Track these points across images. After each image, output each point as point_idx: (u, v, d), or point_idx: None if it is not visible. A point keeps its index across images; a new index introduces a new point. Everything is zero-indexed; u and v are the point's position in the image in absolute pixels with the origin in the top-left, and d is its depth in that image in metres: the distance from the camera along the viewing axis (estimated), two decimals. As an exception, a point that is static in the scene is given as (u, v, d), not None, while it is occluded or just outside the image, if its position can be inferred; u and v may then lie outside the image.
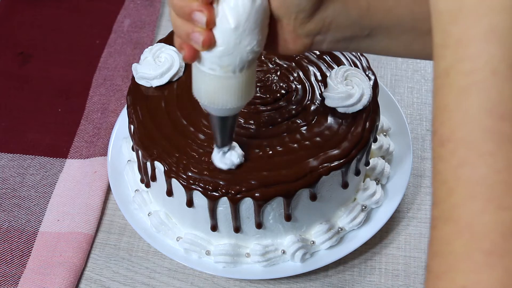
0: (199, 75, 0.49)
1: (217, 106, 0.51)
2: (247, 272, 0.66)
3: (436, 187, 0.34)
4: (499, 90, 0.31)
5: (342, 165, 0.61)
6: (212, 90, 0.49)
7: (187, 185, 0.60)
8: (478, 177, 0.32)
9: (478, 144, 0.32)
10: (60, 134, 0.81)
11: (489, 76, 0.32)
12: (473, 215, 0.32)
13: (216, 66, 0.47)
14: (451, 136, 0.33)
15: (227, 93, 0.49)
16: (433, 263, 0.34)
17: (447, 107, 0.33)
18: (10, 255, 0.70)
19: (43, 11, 0.96)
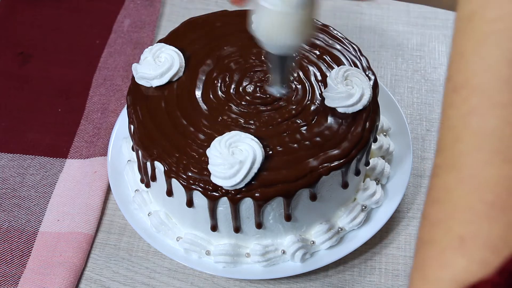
0: (260, 11, 0.49)
1: (277, 43, 0.51)
2: (247, 272, 0.66)
3: (442, 134, 0.33)
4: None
5: (342, 165, 0.61)
6: (271, 26, 0.49)
7: (187, 185, 0.60)
8: (487, 128, 0.31)
9: (493, 93, 0.31)
10: (60, 134, 0.81)
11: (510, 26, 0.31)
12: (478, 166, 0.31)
13: (278, 1, 0.47)
14: (466, 83, 0.32)
15: (287, 29, 0.49)
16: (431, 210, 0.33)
17: (465, 53, 0.33)
18: (10, 255, 0.70)
19: (43, 11, 0.96)
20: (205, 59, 0.70)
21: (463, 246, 0.30)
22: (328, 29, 0.73)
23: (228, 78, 0.68)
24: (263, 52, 0.70)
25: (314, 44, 0.71)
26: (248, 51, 0.70)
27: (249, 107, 0.65)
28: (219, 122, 0.64)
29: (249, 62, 0.69)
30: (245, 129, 0.63)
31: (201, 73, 0.68)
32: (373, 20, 0.94)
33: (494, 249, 0.29)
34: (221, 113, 0.64)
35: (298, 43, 0.52)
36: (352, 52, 0.70)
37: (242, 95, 0.66)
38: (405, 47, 0.91)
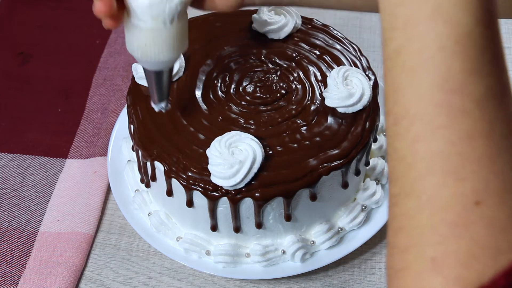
0: (131, 29, 0.50)
1: (151, 59, 0.52)
2: (247, 272, 0.66)
3: (393, 165, 0.35)
4: (448, 65, 0.32)
5: (342, 165, 0.61)
6: (144, 43, 0.51)
7: (187, 185, 0.60)
8: (434, 151, 0.32)
9: (432, 118, 0.32)
10: (60, 134, 0.81)
11: (437, 52, 0.32)
12: (433, 188, 0.32)
13: (147, 17, 0.48)
14: (406, 113, 0.34)
15: (159, 45, 0.51)
16: (397, 238, 0.34)
17: (399, 86, 0.34)
18: (10, 255, 0.70)
19: (43, 11, 0.96)
20: (205, 59, 0.70)
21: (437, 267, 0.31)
22: (328, 29, 0.73)
23: (228, 78, 0.68)
24: (263, 52, 0.70)
25: (314, 44, 0.71)
26: (248, 51, 0.70)
27: (249, 107, 0.65)
28: (219, 122, 0.64)
29: (249, 62, 0.69)
30: (245, 129, 0.63)
31: (201, 73, 0.68)
32: (373, 20, 0.94)
33: (465, 265, 0.30)
34: (221, 113, 0.64)
35: (172, 58, 0.53)
36: (352, 52, 0.70)
37: (242, 95, 0.66)
38: (405, 47, 0.90)
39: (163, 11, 0.48)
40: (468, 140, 0.32)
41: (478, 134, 0.32)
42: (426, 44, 0.33)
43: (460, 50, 0.32)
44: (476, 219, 0.31)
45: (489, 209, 0.31)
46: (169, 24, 0.49)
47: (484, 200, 0.31)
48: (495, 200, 0.31)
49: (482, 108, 0.32)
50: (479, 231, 0.31)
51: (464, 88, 0.32)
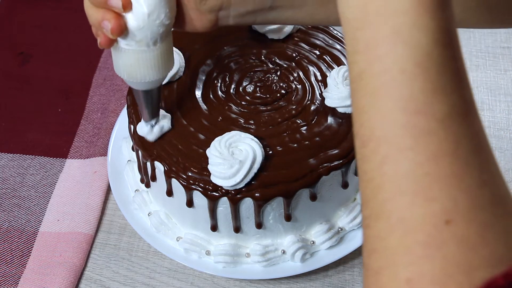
0: (117, 52, 0.52)
1: (137, 80, 0.54)
2: (247, 272, 0.66)
3: (363, 187, 0.35)
4: (410, 87, 0.32)
5: (342, 165, 0.61)
6: (130, 65, 0.52)
7: (187, 185, 0.60)
8: (402, 172, 0.32)
9: (397, 140, 0.33)
10: (60, 134, 0.81)
11: (398, 75, 0.32)
12: (403, 209, 0.32)
13: (131, 41, 0.50)
14: (371, 135, 0.34)
15: (145, 66, 0.52)
16: (371, 260, 0.34)
17: (364, 108, 0.34)
18: (10, 255, 0.70)
19: (43, 11, 0.96)
20: (205, 59, 0.70)
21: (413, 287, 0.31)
22: (328, 29, 0.73)
23: (228, 78, 0.68)
24: (263, 52, 0.70)
25: (314, 44, 0.71)
26: (248, 51, 0.70)
27: (249, 107, 0.65)
28: (219, 122, 0.64)
29: (249, 62, 0.69)
30: (245, 129, 0.63)
31: (201, 73, 0.68)
32: (373, 20, 0.94)
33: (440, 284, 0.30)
34: (221, 113, 0.64)
35: (158, 78, 0.54)
36: (352, 52, 0.70)
37: (242, 95, 0.66)
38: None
39: (146, 36, 0.50)
40: (434, 160, 0.32)
41: (444, 153, 0.32)
42: (387, 66, 0.33)
43: (420, 72, 0.32)
44: (447, 238, 0.31)
45: (460, 227, 0.31)
46: (152, 46, 0.51)
47: (454, 219, 0.31)
48: (465, 218, 0.31)
49: (446, 127, 0.32)
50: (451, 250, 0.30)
51: (428, 108, 0.32)
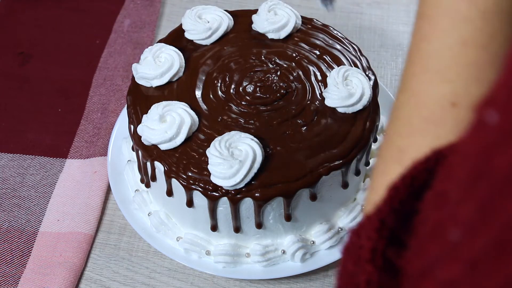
0: None
1: None
2: (247, 272, 0.66)
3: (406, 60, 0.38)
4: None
5: (342, 165, 0.61)
6: None
7: (187, 185, 0.60)
8: (432, 51, 0.35)
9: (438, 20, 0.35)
10: (60, 134, 0.81)
11: None
12: (421, 85, 0.35)
13: None
14: (422, 13, 0.37)
15: None
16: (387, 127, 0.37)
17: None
18: (10, 255, 0.70)
19: (43, 11, 0.96)
20: (205, 59, 0.70)
21: (400, 156, 0.34)
22: (328, 29, 0.73)
23: (228, 78, 0.68)
24: (263, 52, 0.70)
25: (314, 44, 0.71)
26: (248, 51, 0.70)
27: (249, 107, 0.65)
28: (219, 122, 0.64)
29: (249, 62, 0.69)
30: (245, 129, 0.63)
31: (201, 73, 0.68)
32: (373, 20, 0.94)
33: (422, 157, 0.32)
34: (221, 113, 0.64)
35: None
36: (352, 52, 0.70)
37: (242, 95, 0.66)
38: (405, 47, 0.91)
39: None
40: (463, 46, 0.34)
41: (475, 42, 0.34)
42: None
43: None
44: (447, 119, 0.33)
45: (462, 111, 0.33)
46: None
47: (460, 103, 0.33)
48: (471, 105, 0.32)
49: (486, 19, 0.34)
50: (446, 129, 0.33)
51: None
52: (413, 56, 0.37)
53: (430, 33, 0.35)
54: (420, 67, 0.35)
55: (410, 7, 0.96)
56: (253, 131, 0.62)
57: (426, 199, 0.28)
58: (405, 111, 0.35)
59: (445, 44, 0.34)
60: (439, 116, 0.33)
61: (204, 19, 0.71)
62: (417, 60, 0.36)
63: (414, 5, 0.99)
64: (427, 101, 0.34)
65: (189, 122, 0.61)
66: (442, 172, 0.28)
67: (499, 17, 0.34)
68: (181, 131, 0.61)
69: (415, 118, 0.34)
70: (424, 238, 0.26)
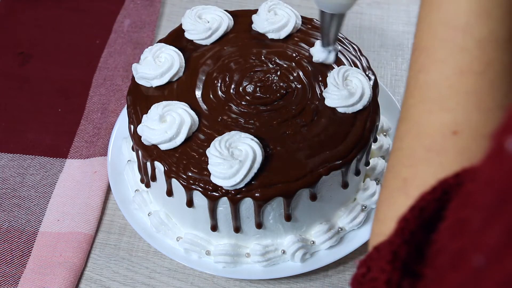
0: None
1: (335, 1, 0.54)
2: (247, 272, 0.66)
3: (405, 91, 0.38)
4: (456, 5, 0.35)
5: (342, 165, 0.61)
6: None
7: (187, 185, 0.60)
8: (430, 82, 0.35)
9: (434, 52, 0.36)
10: (60, 134, 0.81)
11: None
12: (421, 115, 0.35)
13: None
14: (418, 45, 0.37)
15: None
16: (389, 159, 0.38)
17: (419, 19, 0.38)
18: (10, 255, 0.70)
19: (43, 11, 0.96)
20: (205, 59, 0.70)
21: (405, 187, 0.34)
22: (328, 29, 0.73)
23: (228, 78, 0.68)
24: (263, 52, 0.70)
25: (314, 44, 0.71)
26: (248, 51, 0.70)
27: (249, 107, 0.65)
28: (219, 122, 0.64)
29: (249, 62, 0.69)
30: (245, 129, 0.63)
31: (201, 73, 0.68)
32: (373, 20, 0.94)
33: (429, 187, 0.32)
34: (221, 113, 0.64)
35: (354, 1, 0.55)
36: (352, 52, 0.70)
37: (242, 95, 0.66)
38: (405, 47, 0.91)
39: None
40: (460, 75, 0.34)
41: (472, 71, 0.34)
42: None
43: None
44: (449, 147, 0.33)
45: (464, 139, 0.33)
46: None
47: (462, 131, 0.33)
48: (472, 133, 0.33)
49: (481, 48, 0.34)
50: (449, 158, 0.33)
51: (468, 27, 0.34)
52: (411, 87, 0.37)
53: (427, 64, 0.36)
54: (419, 97, 0.36)
55: (410, 7, 0.96)
56: (253, 131, 0.62)
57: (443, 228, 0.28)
58: (407, 141, 0.35)
59: (442, 74, 0.35)
60: (441, 145, 0.34)
61: (204, 19, 0.71)
62: (416, 91, 0.36)
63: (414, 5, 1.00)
64: (428, 131, 0.34)
65: (189, 122, 0.61)
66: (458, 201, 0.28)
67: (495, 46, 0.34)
68: (181, 131, 0.61)
69: (418, 148, 0.34)
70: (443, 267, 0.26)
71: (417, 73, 0.36)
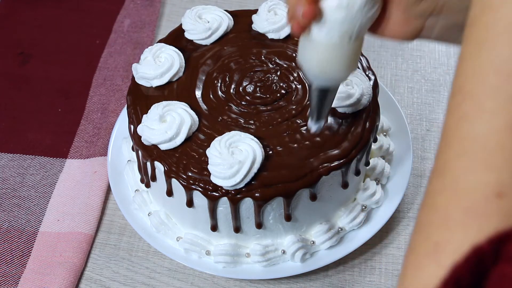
0: (312, 44, 0.48)
1: (328, 75, 0.50)
2: (247, 272, 0.66)
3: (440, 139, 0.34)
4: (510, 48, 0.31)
5: (342, 165, 0.61)
6: (325, 59, 0.49)
7: (187, 185, 0.60)
8: (474, 134, 0.31)
9: (482, 100, 0.31)
10: (60, 134, 0.81)
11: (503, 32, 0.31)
12: (460, 172, 0.31)
13: (335, 33, 0.46)
14: (461, 88, 0.33)
15: (340, 61, 0.49)
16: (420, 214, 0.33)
17: (464, 58, 0.33)
18: (10, 255, 0.70)
19: (43, 11, 0.96)
20: (205, 59, 0.70)
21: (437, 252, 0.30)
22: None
23: (228, 78, 0.68)
24: (263, 52, 0.70)
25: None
26: (248, 51, 0.70)
27: (249, 107, 0.65)
28: (219, 122, 0.64)
29: (249, 62, 0.69)
30: (245, 129, 0.63)
31: (201, 73, 0.68)
32: (373, 20, 0.94)
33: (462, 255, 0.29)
34: (221, 113, 0.64)
35: (347, 75, 0.51)
36: (352, 52, 0.70)
37: (242, 95, 0.66)
38: (405, 47, 0.91)
39: (354, 26, 0.46)
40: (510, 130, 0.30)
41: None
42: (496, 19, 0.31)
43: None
44: (492, 211, 0.29)
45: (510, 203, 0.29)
46: (353, 40, 0.47)
47: (508, 194, 0.29)
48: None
49: None
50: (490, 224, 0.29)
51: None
52: (451, 136, 0.32)
53: (473, 113, 0.31)
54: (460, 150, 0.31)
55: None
56: (253, 131, 0.62)
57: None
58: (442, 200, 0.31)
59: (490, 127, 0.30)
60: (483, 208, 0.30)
61: (204, 19, 0.71)
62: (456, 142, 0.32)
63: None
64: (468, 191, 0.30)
65: (189, 122, 0.61)
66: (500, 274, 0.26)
67: None
68: (181, 131, 0.61)
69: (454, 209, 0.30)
70: None
71: (459, 121, 0.32)
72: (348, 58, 0.49)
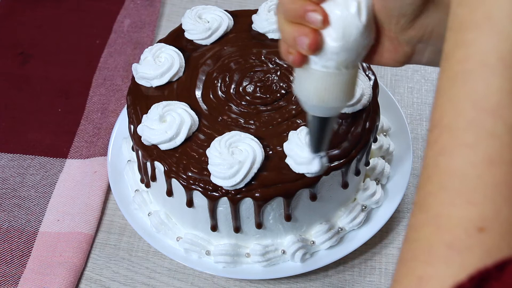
0: (309, 74, 0.47)
1: (326, 104, 0.49)
2: (247, 272, 0.66)
3: (421, 172, 0.34)
4: (486, 83, 0.31)
5: (342, 165, 0.61)
6: (323, 88, 0.48)
7: (187, 185, 0.60)
8: (453, 168, 0.31)
9: (459, 134, 0.31)
10: (60, 134, 0.81)
11: (478, 67, 0.31)
12: (442, 206, 0.31)
13: (332, 63, 0.46)
14: (439, 122, 0.33)
15: (338, 90, 0.48)
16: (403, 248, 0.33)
17: (440, 92, 0.33)
18: (10, 255, 0.70)
19: (43, 11, 0.96)
20: (205, 59, 0.70)
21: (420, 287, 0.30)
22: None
23: (228, 78, 0.68)
24: (263, 52, 0.70)
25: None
26: (248, 51, 0.70)
27: (249, 107, 0.65)
28: (219, 122, 0.64)
29: (249, 62, 0.69)
30: (245, 129, 0.63)
31: (201, 73, 0.68)
32: (373, 20, 0.94)
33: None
34: (221, 113, 0.64)
35: (345, 104, 0.50)
36: (352, 52, 0.70)
37: (242, 95, 0.66)
38: (405, 47, 0.91)
39: (351, 56, 0.46)
40: (489, 164, 0.30)
41: (502, 160, 0.30)
42: (470, 54, 0.31)
43: (501, 68, 0.30)
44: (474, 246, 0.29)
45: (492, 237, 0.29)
46: (351, 69, 0.47)
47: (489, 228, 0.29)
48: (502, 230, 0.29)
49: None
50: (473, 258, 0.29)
51: (499, 110, 0.30)
52: (430, 171, 0.32)
53: (451, 147, 0.31)
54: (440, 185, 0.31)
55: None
56: (253, 131, 0.62)
57: None
58: (424, 234, 0.31)
59: (469, 161, 0.30)
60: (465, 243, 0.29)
61: (204, 19, 0.71)
62: (436, 177, 0.32)
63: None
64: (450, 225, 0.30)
65: (189, 122, 0.61)
66: None
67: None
68: (181, 131, 0.61)
69: (437, 243, 0.30)
70: None
71: (438, 156, 0.32)
72: (346, 86, 0.48)
